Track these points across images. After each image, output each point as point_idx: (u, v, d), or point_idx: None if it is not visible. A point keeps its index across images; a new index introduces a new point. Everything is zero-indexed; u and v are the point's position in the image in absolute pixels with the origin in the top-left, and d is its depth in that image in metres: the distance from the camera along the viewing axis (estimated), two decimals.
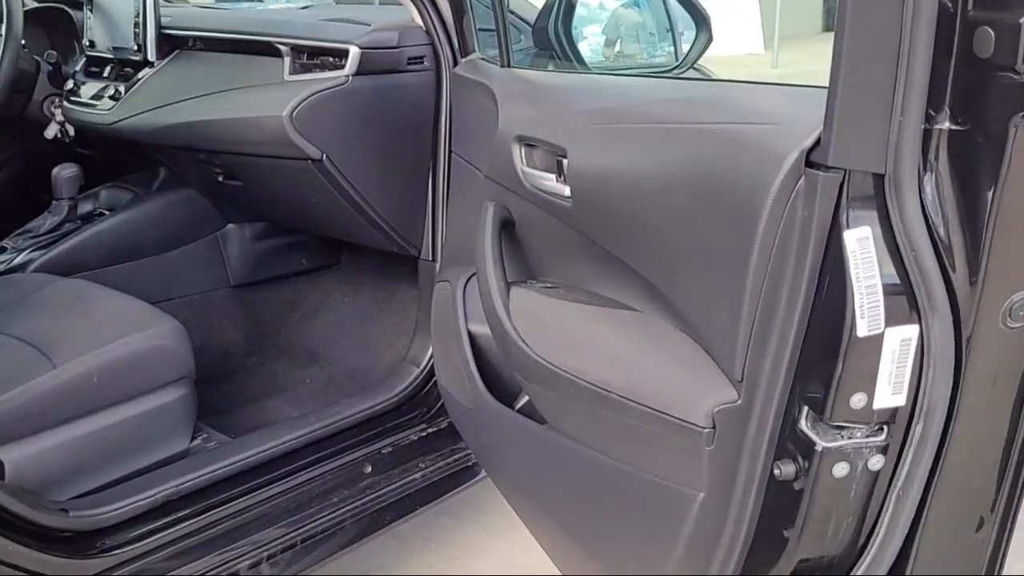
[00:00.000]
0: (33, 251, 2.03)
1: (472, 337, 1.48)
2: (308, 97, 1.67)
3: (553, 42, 1.51)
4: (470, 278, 1.55)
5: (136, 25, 2.03)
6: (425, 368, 1.89)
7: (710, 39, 1.46)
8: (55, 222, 2.07)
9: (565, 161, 1.18)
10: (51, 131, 2.29)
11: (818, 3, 9.65)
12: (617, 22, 1.80)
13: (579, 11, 1.52)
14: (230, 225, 2.27)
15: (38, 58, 2.32)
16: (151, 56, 2.03)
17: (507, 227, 1.41)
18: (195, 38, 2.01)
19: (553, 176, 1.23)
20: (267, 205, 2.15)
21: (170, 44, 2.05)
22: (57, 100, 2.28)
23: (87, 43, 2.19)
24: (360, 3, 2.74)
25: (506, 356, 1.25)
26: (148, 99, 1.98)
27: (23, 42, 2.55)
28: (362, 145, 1.77)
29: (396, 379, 1.91)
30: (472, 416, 1.45)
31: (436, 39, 1.77)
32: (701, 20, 1.45)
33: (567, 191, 1.19)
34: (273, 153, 1.77)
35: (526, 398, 1.39)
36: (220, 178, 2.03)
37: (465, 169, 1.62)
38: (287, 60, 1.78)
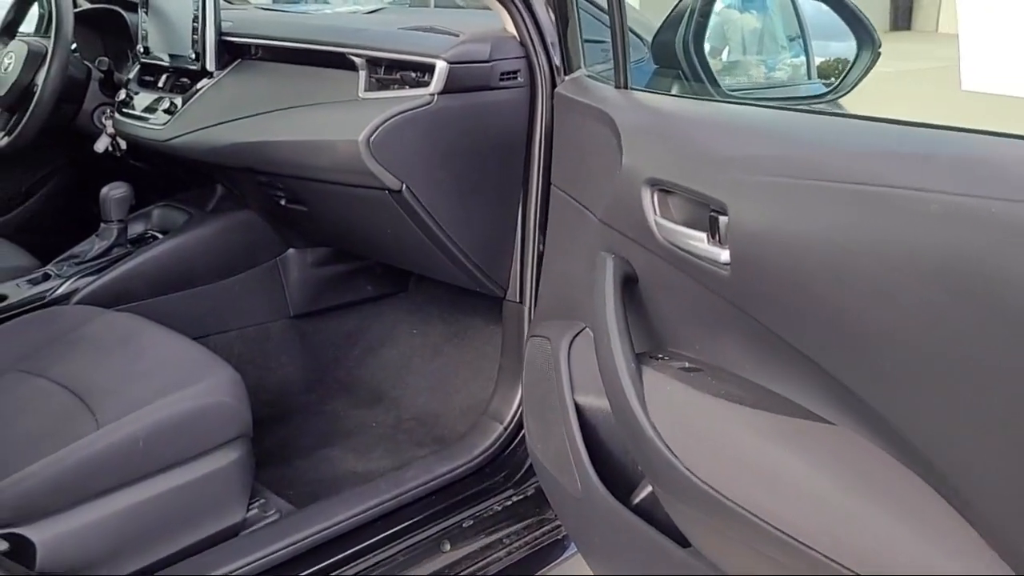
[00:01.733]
0: (79, 279, 1.81)
1: (580, 410, 1.23)
2: (388, 120, 1.42)
3: (681, 60, 1.25)
4: (575, 337, 1.30)
5: (194, 31, 1.80)
6: (510, 425, 1.64)
7: (876, 57, 1.19)
8: (103, 247, 1.86)
9: (723, 219, 0.92)
10: (101, 144, 2.08)
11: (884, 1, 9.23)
12: (724, 26, 1.52)
13: (715, 23, 1.25)
14: (291, 250, 2.04)
15: (89, 64, 2.12)
16: (210, 66, 1.80)
17: (628, 284, 1.16)
18: (259, 46, 1.78)
19: (702, 235, 0.97)
20: (333, 232, 1.91)
21: (231, 52, 1.82)
22: (108, 111, 2.07)
23: (141, 50, 1.97)
24: (435, 7, 2.49)
25: (641, 460, 0.99)
26: (206, 114, 1.76)
27: (74, 46, 2.36)
28: (446, 172, 1.53)
29: (476, 437, 1.66)
30: (580, 507, 1.20)
31: (532, 51, 1.51)
32: (865, 34, 1.18)
33: (723, 256, 0.93)
34: (345, 181, 1.53)
35: (647, 490, 1.13)
36: (282, 202, 1.80)
37: (567, 205, 1.37)
38: (362, 75, 1.54)
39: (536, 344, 1.38)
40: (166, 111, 1.82)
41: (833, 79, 1.38)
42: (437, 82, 1.44)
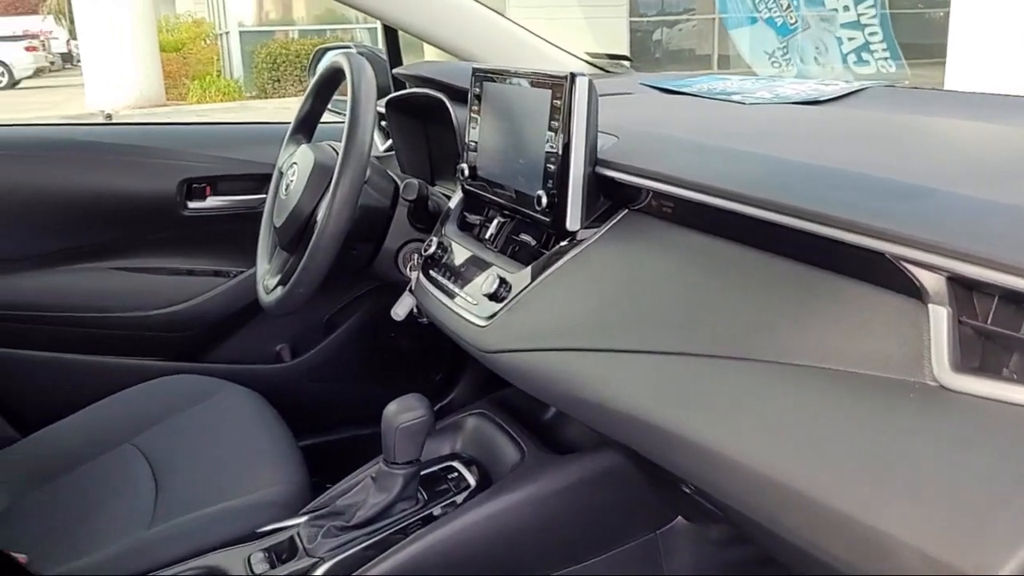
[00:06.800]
0: (340, 555, 1.07)
1: None
2: None
3: None
4: None
5: (548, 159, 0.97)
6: None
7: None
8: (380, 504, 1.09)
9: None
10: (403, 309, 1.33)
11: None
12: None
13: None
14: (679, 520, 1.15)
15: (396, 179, 1.40)
16: (572, 223, 0.96)
17: None
18: (667, 197, 0.90)
19: None
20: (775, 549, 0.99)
21: (610, 195, 0.97)
22: (416, 257, 1.32)
23: (465, 170, 1.19)
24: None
25: None
26: (560, 318, 0.91)
27: (388, 145, 1.68)
28: None
29: None
30: None
31: None
32: None
33: None
34: None
35: None
36: (686, 489, 0.92)
37: None
38: (942, 316, 0.59)
39: None
40: (491, 296, 1.00)
41: None
42: None
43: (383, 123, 1.65)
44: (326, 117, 1.51)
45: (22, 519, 1.24)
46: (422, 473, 1.14)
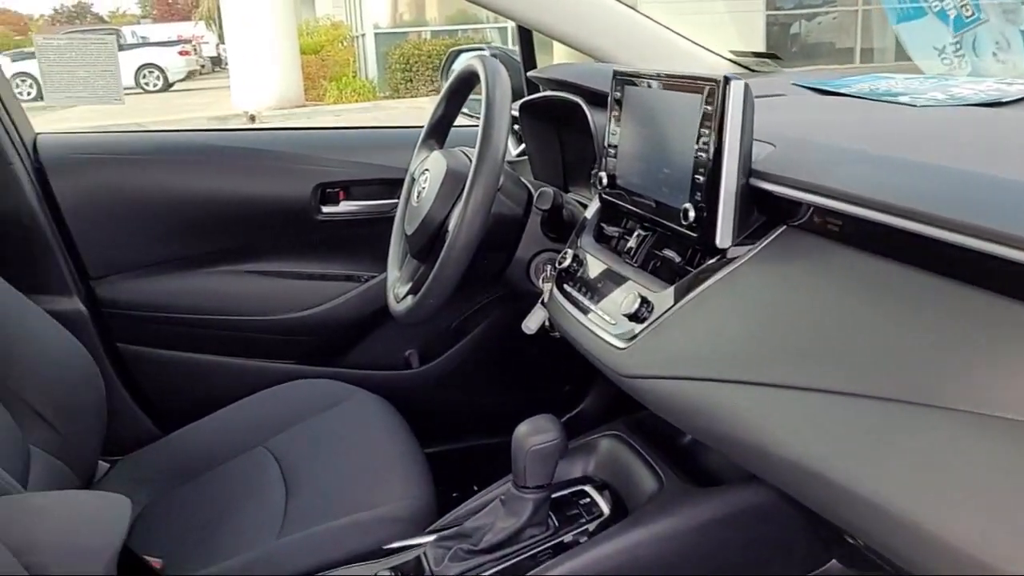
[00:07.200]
0: None
1: None
2: None
3: None
4: None
5: (697, 169, 0.90)
6: None
7: None
8: (508, 529, 1.04)
9: None
10: (534, 322, 1.28)
11: None
12: None
13: None
14: (833, 564, 1.05)
15: (530, 186, 1.35)
16: (722, 239, 0.88)
17: None
18: (832, 213, 0.80)
19: None
20: None
21: (766, 210, 0.89)
22: (550, 268, 1.27)
23: (604, 178, 1.13)
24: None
25: None
26: (709, 348, 0.84)
27: (520, 150, 1.64)
28: None
29: None
30: None
31: None
32: None
33: None
34: None
35: None
36: (848, 539, 0.82)
37: None
38: None
39: None
40: (631, 316, 0.94)
41: None
42: None
43: (516, 127, 1.61)
44: (459, 119, 1.48)
45: (160, 519, 1.27)
46: (552, 497, 1.09)
